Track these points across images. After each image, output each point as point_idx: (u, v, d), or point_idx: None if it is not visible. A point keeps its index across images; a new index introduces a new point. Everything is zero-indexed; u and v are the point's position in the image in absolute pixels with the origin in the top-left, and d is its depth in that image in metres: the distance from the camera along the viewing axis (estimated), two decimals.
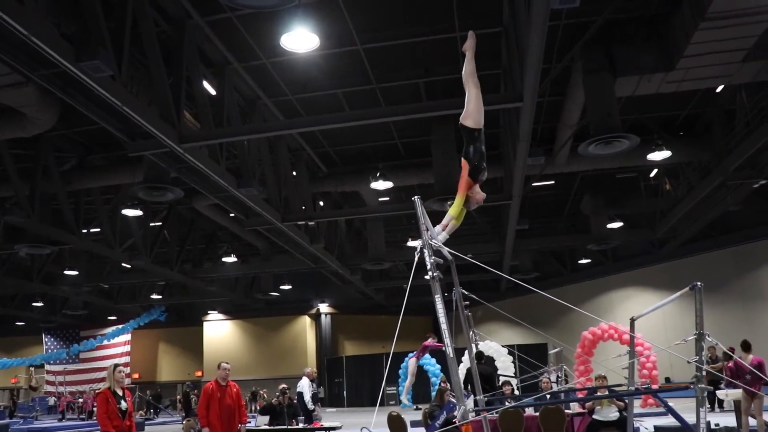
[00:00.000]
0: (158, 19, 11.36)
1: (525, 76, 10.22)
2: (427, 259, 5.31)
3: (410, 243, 25.23)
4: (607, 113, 12.46)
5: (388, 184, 17.46)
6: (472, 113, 5.68)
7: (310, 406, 14.15)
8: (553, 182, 20.75)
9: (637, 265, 27.49)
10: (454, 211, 5.48)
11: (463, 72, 5.94)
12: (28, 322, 41.25)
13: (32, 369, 41.93)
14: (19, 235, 19.96)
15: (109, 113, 12.45)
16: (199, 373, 39.97)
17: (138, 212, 20.44)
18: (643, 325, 8.40)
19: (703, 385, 5.35)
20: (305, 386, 14.51)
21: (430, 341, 13.98)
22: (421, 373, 29.59)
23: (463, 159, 5.61)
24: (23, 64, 10.56)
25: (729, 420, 12.22)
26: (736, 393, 11.16)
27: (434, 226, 5.64)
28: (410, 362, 15.69)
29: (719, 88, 14.82)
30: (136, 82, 11.96)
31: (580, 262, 29.93)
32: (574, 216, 24.76)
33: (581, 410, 10.34)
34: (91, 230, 21.72)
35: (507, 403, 10.07)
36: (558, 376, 15.60)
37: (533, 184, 18.28)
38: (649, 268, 26.85)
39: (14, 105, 12.64)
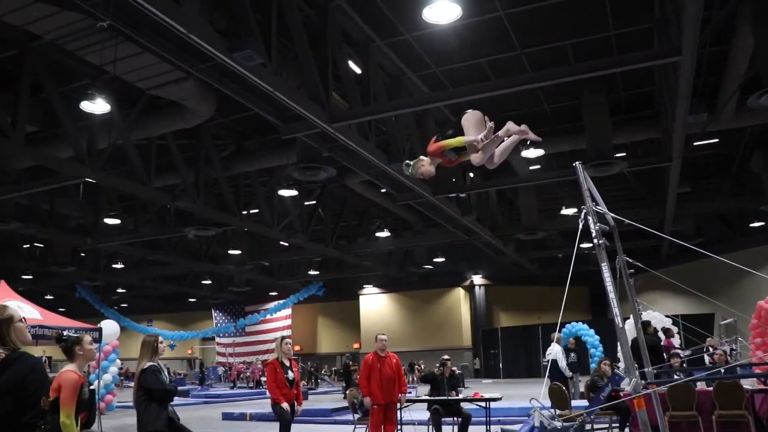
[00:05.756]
0: (301, 4, 11.62)
1: (683, 27, 9.50)
2: (591, 225, 5.11)
3: (564, 211, 24.54)
4: None
5: (539, 152, 17.02)
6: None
7: (567, 373, 14.40)
8: (717, 140, 19.33)
9: None
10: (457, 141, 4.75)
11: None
12: (198, 299, 44.47)
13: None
14: (188, 218, 21.39)
15: (262, 99, 12.96)
16: (357, 345, 41.25)
17: (293, 192, 21.20)
18: None
19: None
20: (558, 353, 14.71)
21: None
22: (579, 344, 28.84)
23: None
24: (183, 61, 11.20)
25: None
26: None
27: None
28: None
29: None
30: (285, 68, 12.32)
31: (751, 225, 27.74)
32: (743, 175, 22.95)
33: (762, 387, 9.60)
34: (251, 211, 22.83)
35: (676, 376, 9.57)
36: (732, 349, 14.58)
37: (695, 144, 17.13)
38: None
39: (177, 99, 13.44)
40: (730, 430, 9.16)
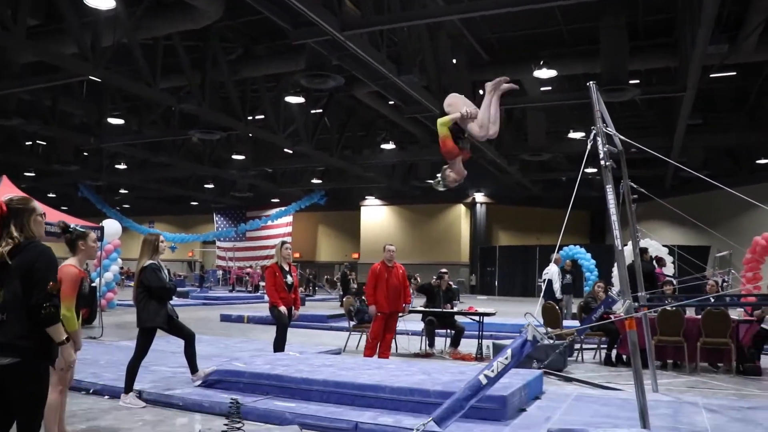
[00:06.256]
0: None
1: None
2: (600, 147, 5.10)
3: (572, 134, 24.33)
4: None
5: (552, 73, 16.72)
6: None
7: (558, 295, 14.35)
8: (734, 73, 18.91)
9: None
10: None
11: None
12: (201, 202, 44.75)
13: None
14: (192, 121, 21.25)
15: (273, 2, 12.66)
16: (356, 255, 41.76)
17: (300, 99, 21.01)
18: None
19: None
20: (554, 273, 14.47)
21: None
22: (575, 266, 29.14)
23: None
24: None
25: None
26: None
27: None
28: None
29: None
30: None
31: (758, 161, 27.55)
32: (758, 111, 22.58)
33: (748, 318, 9.77)
34: (257, 117, 22.67)
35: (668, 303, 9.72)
36: (724, 280, 14.72)
37: (711, 75, 16.80)
38: None
39: None
40: (713, 357, 9.42)
